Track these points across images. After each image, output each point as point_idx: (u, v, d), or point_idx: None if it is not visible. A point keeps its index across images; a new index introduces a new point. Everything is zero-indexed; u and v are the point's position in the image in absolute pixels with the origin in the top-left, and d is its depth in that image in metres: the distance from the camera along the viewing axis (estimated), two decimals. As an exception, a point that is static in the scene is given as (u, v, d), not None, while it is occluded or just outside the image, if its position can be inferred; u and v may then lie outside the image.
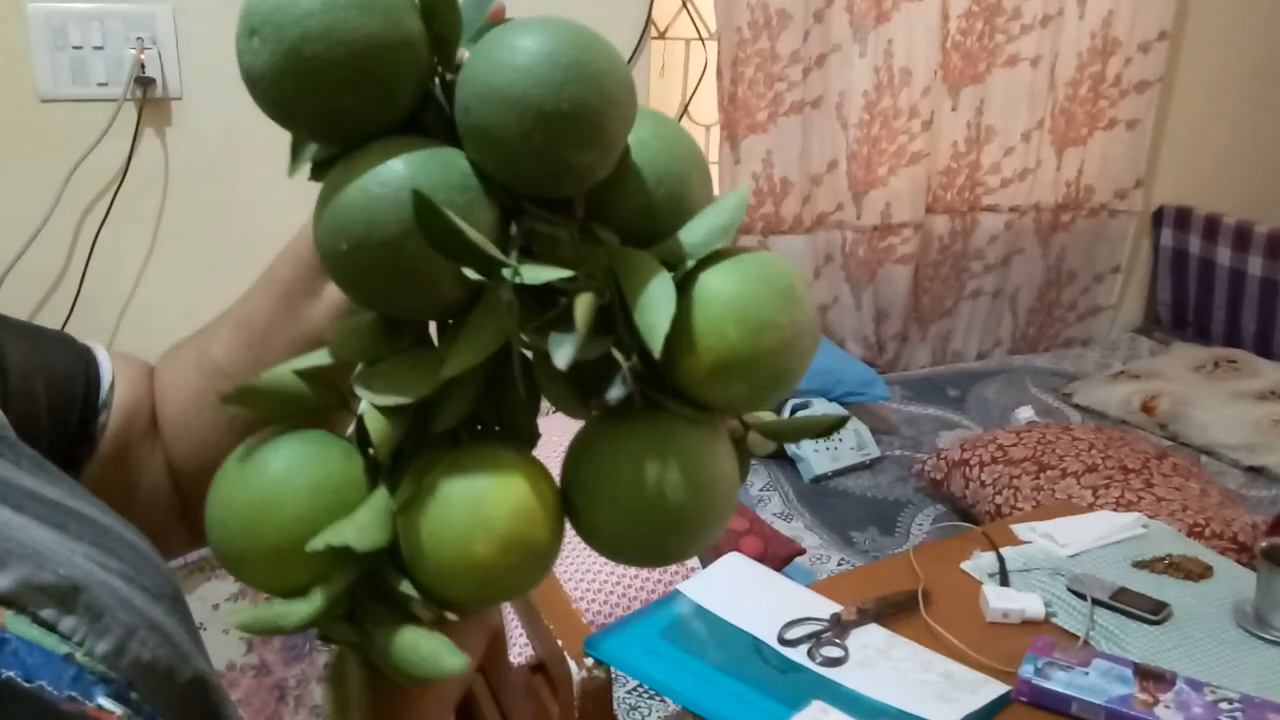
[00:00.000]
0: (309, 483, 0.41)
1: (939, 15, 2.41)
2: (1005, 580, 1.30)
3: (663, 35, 2.33)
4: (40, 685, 0.33)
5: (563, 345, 0.38)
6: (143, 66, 1.74)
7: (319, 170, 0.42)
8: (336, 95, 0.39)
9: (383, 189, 0.38)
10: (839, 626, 1.18)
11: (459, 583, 0.40)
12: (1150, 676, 1.08)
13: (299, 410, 0.43)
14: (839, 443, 2.13)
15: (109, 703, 0.35)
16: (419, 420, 0.42)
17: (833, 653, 1.14)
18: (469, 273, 0.38)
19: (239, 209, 1.89)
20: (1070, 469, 1.87)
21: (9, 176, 1.74)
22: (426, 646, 0.40)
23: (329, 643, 0.42)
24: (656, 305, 0.39)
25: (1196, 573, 1.32)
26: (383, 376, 0.41)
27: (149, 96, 1.77)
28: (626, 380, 0.41)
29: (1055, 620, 1.23)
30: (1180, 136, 2.89)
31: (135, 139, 1.79)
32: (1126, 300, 3.01)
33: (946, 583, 1.30)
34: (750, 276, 0.41)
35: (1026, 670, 1.09)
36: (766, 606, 1.22)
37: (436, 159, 0.39)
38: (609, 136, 0.39)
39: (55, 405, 0.52)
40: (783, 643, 1.16)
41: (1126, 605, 1.23)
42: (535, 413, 0.44)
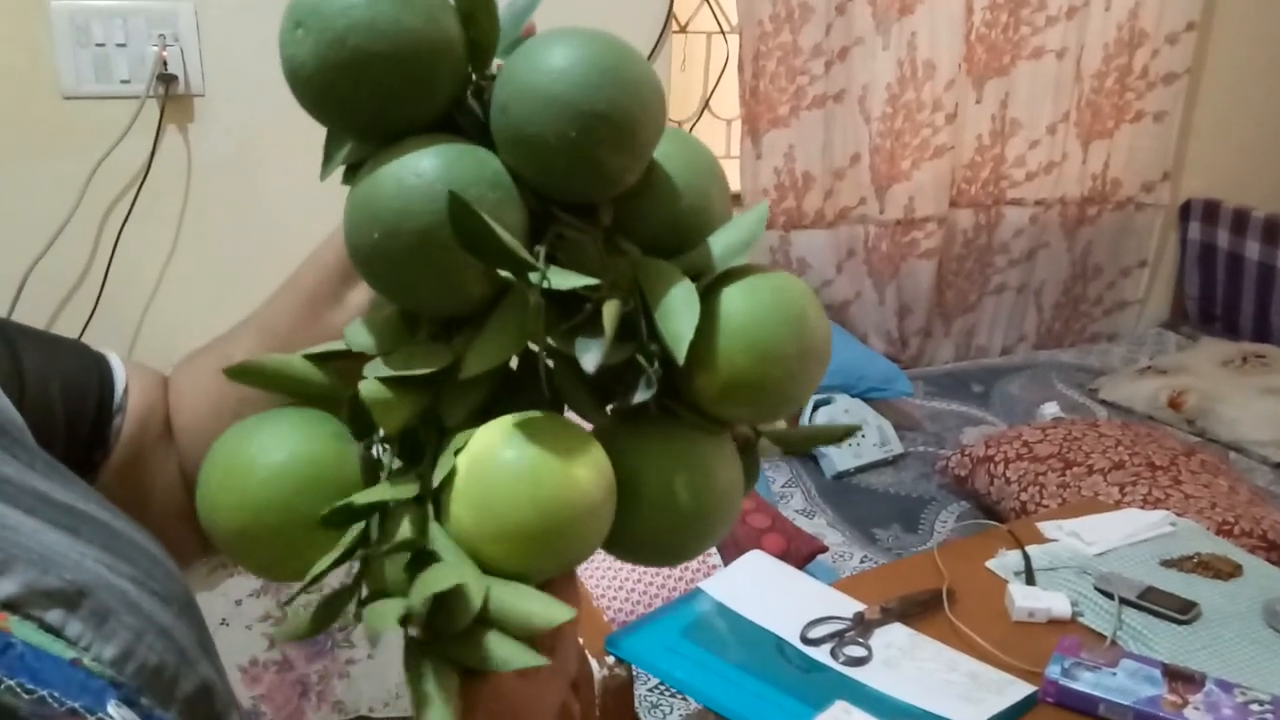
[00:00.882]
0: (289, 456, 0.41)
1: (963, 7, 2.39)
2: (1031, 579, 1.29)
3: (684, 29, 2.32)
4: (44, 695, 0.33)
5: (590, 350, 0.39)
6: (165, 64, 1.75)
7: (350, 173, 0.43)
8: (376, 87, 0.40)
9: (418, 179, 0.39)
10: (862, 625, 1.17)
11: (510, 550, 0.39)
12: (1179, 677, 1.07)
13: (304, 394, 0.44)
14: (861, 439, 2.11)
15: (119, 711, 0.34)
16: (432, 416, 0.42)
17: (856, 652, 1.13)
18: (502, 272, 0.39)
19: (261, 205, 1.89)
20: (1097, 466, 1.85)
21: (33, 174, 1.75)
22: (503, 647, 0.39)
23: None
24: (681, 313, 0.40)
25: (1226, 571, 1.31)
26: (392, 360, 0.42)
27: (171, 93, 1.77)
28: (651, 383, 0.41)
29: (1082, 620, 1.22)
30: (1208, 129, 2.85)
31: (158, 136, 1.79)
32: (1153, 295, 2.97)
33: (971, 581, 1.28)
34: (763, 304, 0.42)
35: (1053, 671, 1.08)
36: (789, 605, 1.21)
37: (470, 156, 0.40)
38: (640, 142, 0.40)
39: (70, 410, 0.53)
40: (805, 642, 1.15)
41: (1154, 605, 1.22)
42: (587, 404, 0.44)
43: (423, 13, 0.40)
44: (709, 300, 0.42)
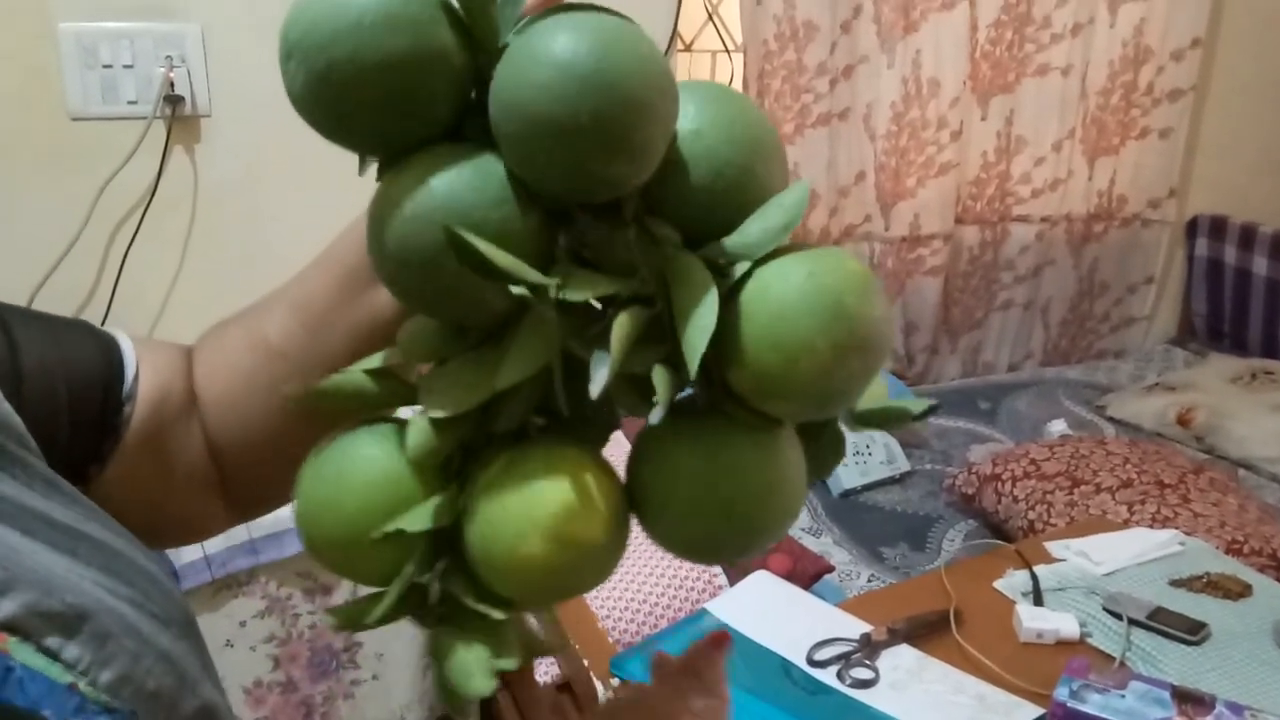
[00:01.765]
0: (366, 480, 0.41)
1: (967, 25, 2.39)
2: (1039, 599, 1.28)
3: (689, 48, 2.32)
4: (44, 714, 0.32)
5: (602, 364, 0.38)
6: (172, 85, 1.75)
7: (383, 170, 0.42)
8: (369, 114, 0.40)
9: (417, 210, 0.39)
10: (869, 647, 1.17)
11: (514, 581, 0.40)
12: (1189, 699, 1.06)
13: (370, 406, 0.44)
14: (868, 456, 2.11)
15: None
16: (481, 419, 0.42)
17: (863, 674, 1.13)
18: (514, 289, 0.38)
19: (267, 225, 1.90)
20: (1105, 484, 1.84)
21: (40, 195, 1.75)
22: (463, 659, 0.40)
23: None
24: (697, 323, 0.38)
25: (1235, 591, 1.30)
26: (441, 382, 0.41)
27: (178, 114, 1.78)
28: (670, 389, 0.39)
29: (1090, 641, 1.21)
30: (1214, 145, 2.84)
31: (164, 157, 1.80)
32: (1160, 311, 2.96)
33: (979, 602, 1.28)
34: (791, 292, 0.39)
35: (1061, 693, 1.07)
36: (795, 626, 1.20)
37: (472, 173, 0.40)
38: (636, 145, 0.38)
39: (76, 403, 0.51)
40: (812, 664, 1.15)
41: (1164, 625, 1.21)
42: (625, 404, 0.43)
43: (408, 32, 0.39)
44: (739, 290, 0.40)
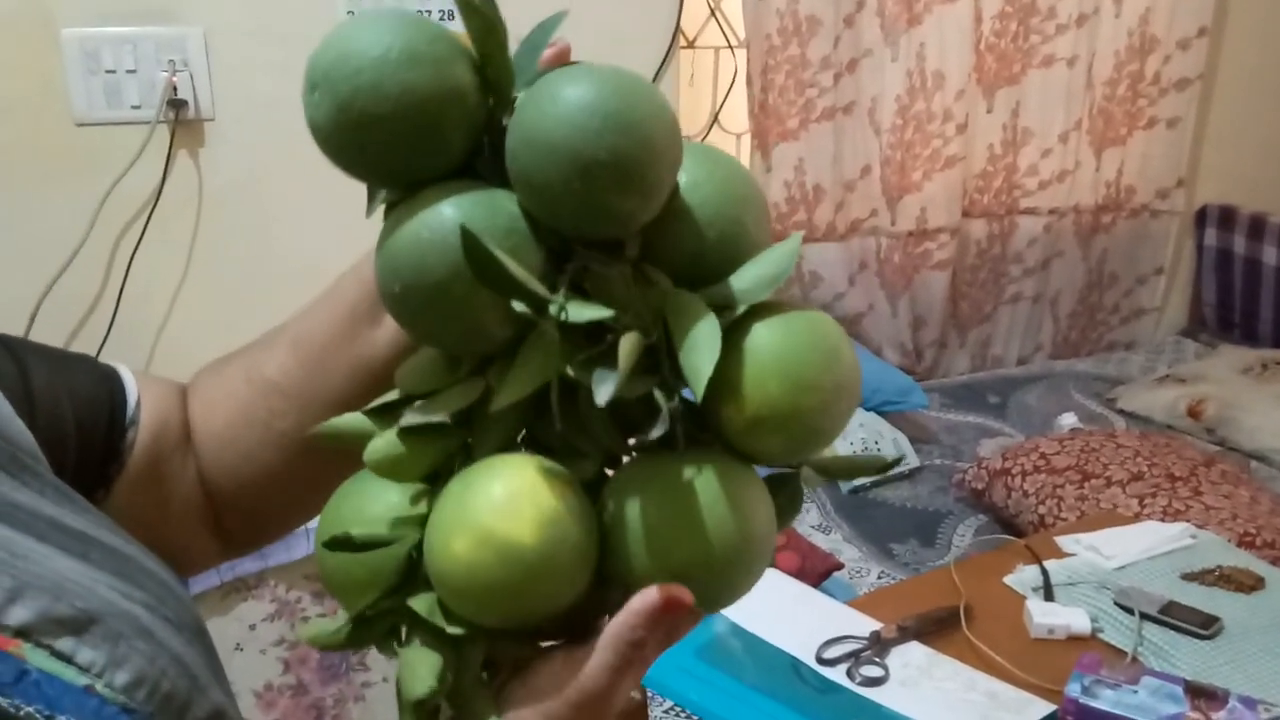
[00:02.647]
0: (375, 519, 0.44)
1: (971, 17, 2.38)
2: (1050, 594, 1.27)
3: (692, 44, 2.31)
4: None
5: (605, 382, 0.39)
6: (175, 89, 1.75)
7: (390, 210, 0.45)
8: (387, 147, 0.41)
9: (432, 234, 0.41)
10: (879, 645, 1.16)
11: (448, 586, 0.41)
12: (1202, 694, 1.05)
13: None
14: (877, 452, 2.10)
15: None
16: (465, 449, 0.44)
17: (873, 672, 1.12)
18: (517, 306, 0.40)
19: (272, 228, 1.90)
20: (1115, 477, 1.83)
21: (45, 200, 1.75)
22: (411, 660, 0.42)
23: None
24: (702, 349, 0.40)
25: (1248, 584, 1.29)
26: (423, 406, 0.43)
27: (181, 118, 1.78)
28: (667, 420, 0.41)
29: (1102, 636, 1.21)
30: (1222, 134, 2.83)
31: (169, 161, 1.80)
32: (1170, 302, 2.95)
33: (989, 598, 1.27)
34: (797, 334, 0.42)
35: (1073, 689, 1.06)
36: (804, 624, 1.20)
37: (484, 204, 0.42)
38: (649, 183, 0.41)
39: (82, 425, 0.53)
40: (821, 662, 1.14)
41: (1176, 619, 1.20)
42: (608, 435, 0.44)
43: (429, 69, 0.41)
44: (739, 331, 0.42)
